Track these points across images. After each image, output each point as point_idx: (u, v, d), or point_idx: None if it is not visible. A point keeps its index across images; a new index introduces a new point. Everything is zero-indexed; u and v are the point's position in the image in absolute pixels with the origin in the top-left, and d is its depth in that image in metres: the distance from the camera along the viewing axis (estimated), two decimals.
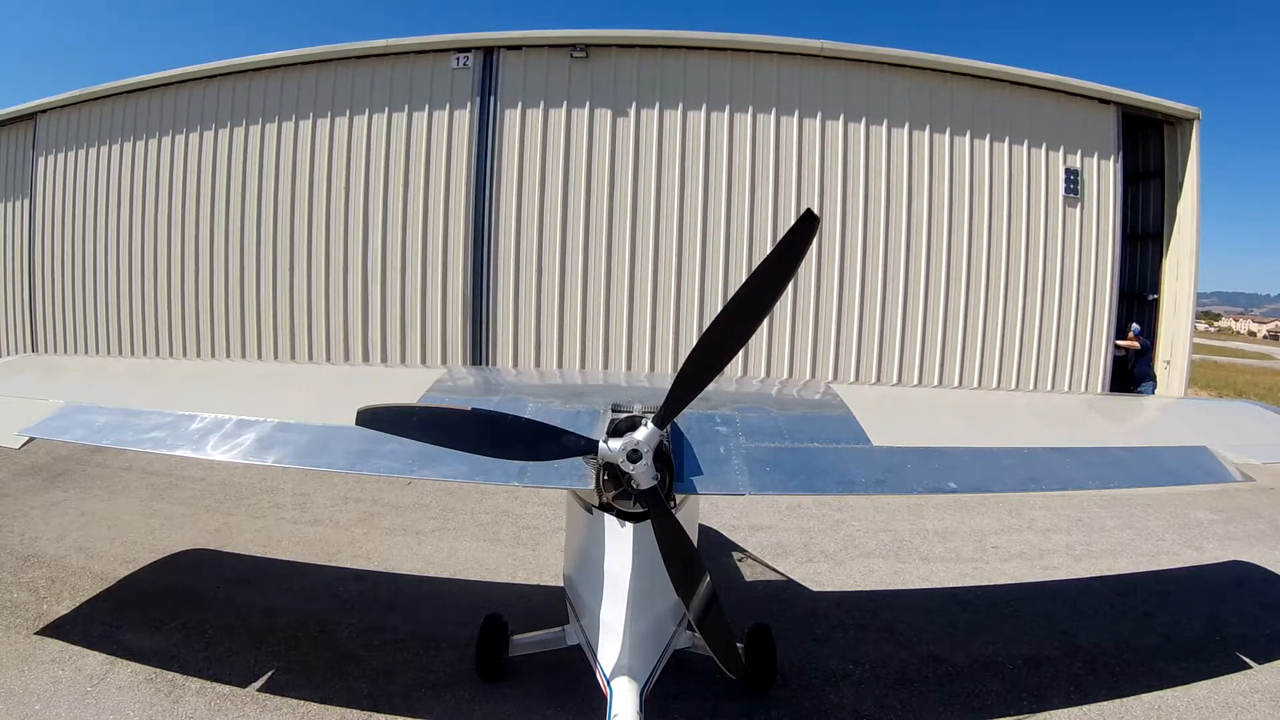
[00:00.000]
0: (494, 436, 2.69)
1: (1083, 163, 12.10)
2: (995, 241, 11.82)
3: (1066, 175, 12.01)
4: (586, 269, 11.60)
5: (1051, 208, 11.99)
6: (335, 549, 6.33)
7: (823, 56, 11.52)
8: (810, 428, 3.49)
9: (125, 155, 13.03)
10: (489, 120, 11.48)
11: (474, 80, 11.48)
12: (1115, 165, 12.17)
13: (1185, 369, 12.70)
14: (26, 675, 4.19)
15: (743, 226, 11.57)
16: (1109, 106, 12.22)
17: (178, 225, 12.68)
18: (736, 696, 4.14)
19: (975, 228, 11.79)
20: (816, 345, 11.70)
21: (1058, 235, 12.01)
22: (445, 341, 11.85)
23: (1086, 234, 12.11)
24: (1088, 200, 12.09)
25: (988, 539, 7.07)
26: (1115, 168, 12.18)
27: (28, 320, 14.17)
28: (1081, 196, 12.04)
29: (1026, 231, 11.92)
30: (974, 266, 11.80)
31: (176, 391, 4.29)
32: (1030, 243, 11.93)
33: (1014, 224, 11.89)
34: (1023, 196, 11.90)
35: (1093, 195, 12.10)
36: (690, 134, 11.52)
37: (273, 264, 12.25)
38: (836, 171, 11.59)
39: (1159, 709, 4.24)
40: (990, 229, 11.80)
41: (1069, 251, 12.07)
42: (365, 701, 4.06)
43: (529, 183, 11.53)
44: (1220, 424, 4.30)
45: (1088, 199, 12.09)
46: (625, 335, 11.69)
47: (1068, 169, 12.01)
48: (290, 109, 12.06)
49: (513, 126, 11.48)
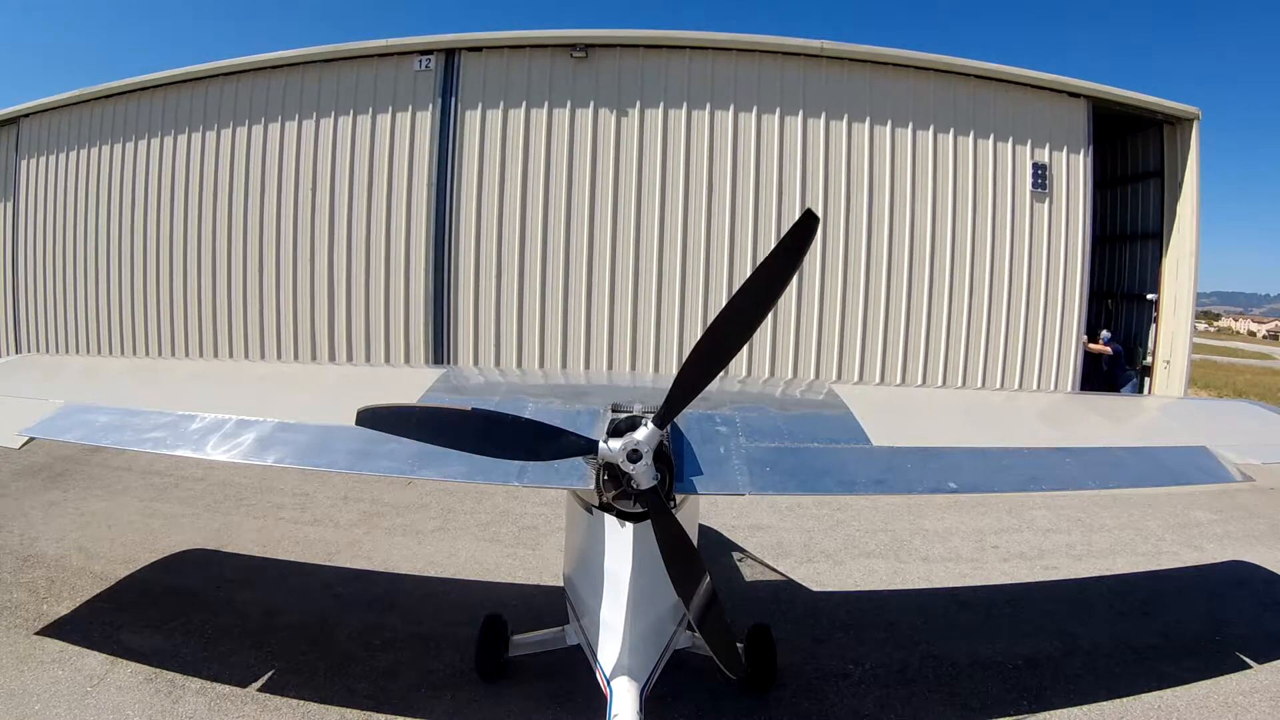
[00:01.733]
0: (494, 436, 2.69)
1: (1051, 157, 11.91)
2: (960, 237, 11.68)
3: (1034, 170, 11.81)
4: (545, 268, 11.66)
5: (1019, 202, 11.80)
6: (335, 549, 6.33)
7: (776, 52, 11.51)
8: (810, 428, 3.50)
9: (98, 159, 13.32)
10: (450, 120, 11.68)
11: (435, 82, 11.67)
12: (1086, 160, 11.97)
13: (1185, 369, 12.69)
14: (26, 675, 4.19)
15: (703, 230, 11.51)
16: (1079, 100, 12.02)
17: (152, 228, 12.93)
18: (736, 696, 4.14)
19: (939, 223, 11.65)
20: (799, 344, 11.67)
21: (1025, 230, 11.83)
22: (408, 340, 12.01)
23: (1055, 229, 11.92)
24: (1056, 195, 11.90)
25: (988, 539, 7.07)
26: (1086, 162, 11.98)
27: (11, 323, 14.35)
28: (1050, 191, 11.86)
29: (992, 227, 11.73)
30: (937, 262, 11.66)
31: (176, 391, 4.28)
32: (997, 238, 11.76)
33: (979, 219, 11.71)
34: (989, 191, 11.72)
35: (1062, 190, 11.92)
36: (670, 133, 11.53)
37: (243, 265, 12.46)
38: (812, 169, 11.53)
39: (1159, 709, 4.24)
40: (955, 224, 11.66)
41: (1037, 247, 11.89)
42: (365, 701, 4.06)
43: (489, 183, 11.65)
44: (1220, 424, 4.30)
45: (1057, 194, 11.90)
46: (584, 334, 11.74)
47: (1035, 163, 11.82)
48: (275, 111, 12.24)
49: (473, 127, 11.65)
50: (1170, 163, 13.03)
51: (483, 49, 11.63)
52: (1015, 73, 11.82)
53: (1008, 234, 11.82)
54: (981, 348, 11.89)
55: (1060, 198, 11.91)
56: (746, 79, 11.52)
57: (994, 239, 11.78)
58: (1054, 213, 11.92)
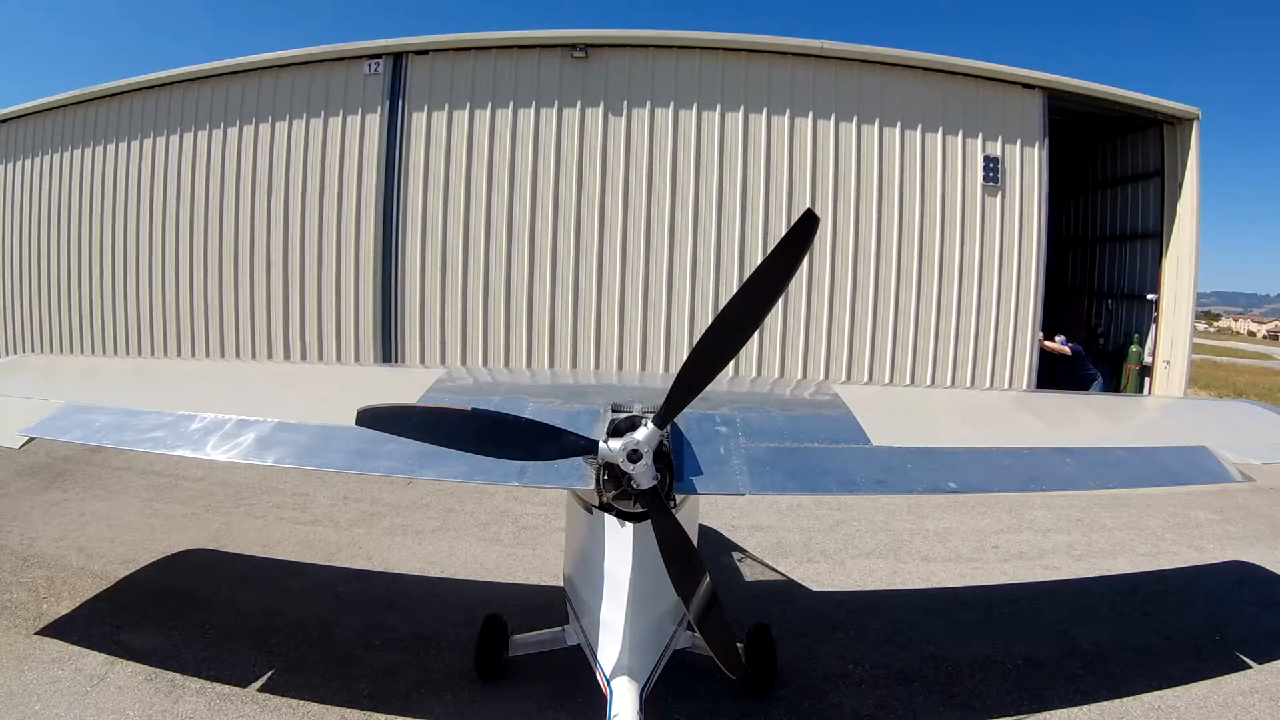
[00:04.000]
0: (494, 436, 2.69)
1: (1004, 150, 11.70)
2: (907, 232, 11.53)
3: (986, 163, 11.60)
4: (487, 267, 11.76)
5: (969, 196, 11.61)
6: (335, 549, 6.33)
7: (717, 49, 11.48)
8: (810, 428, 3.49)
9: (46, 169, 13.70)
10: (398, 122, 11.85)
11: (384, 85, 11.84)
12: (1041, 152, 11.72)
13: (1185, 369, 12.68)
14: (26, 675, 4.19)
15: (644, 227, 11.52)
16: (1033, 91, 11.76)
17: (109, 233, 13.26)
18: (736, 696, 4.14)
19: (885, 219, 11.52)
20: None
21: (976, 224, 11.62)
22: (358, 339, 12.16)
23: (1009, 223, 11.71)
24: (1010, 189, 11.70)
25: (988, 539, 7.07)
26: (1041, 155, 11.73)
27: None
28: (1003, 185, 11.67)
29: (941, 221, 11.55)
30: (884, 256, 11.52)
31: (176, 391, 4.28)
32: (946, 233, 11.57)
33: (928, 213, 11.53)
34: (937, 185, 11.55)
35: (1014, 183, 11.72)
36: (606, 132, 11.57)
37: (204, 266, 12.73)
38: (758, 164, 11.47)
39: (1159, 709, 4.24)
40: (901, 218, 11.51)
41: (989, 241, 11.69)
42: (365, 701, 4.06)
43: (434, 184, 11.76)
44: (1220, 424, 4.30)
45: (1010, 187, 11.70)
46: (522, 332, 11.79)
47: (987, 156, 11.62)
48: (234, 115, 12.50)
49: (419, 128, 11.79)
50: (1170, 163, 13.02)
51: (429, 52, 11.82)
52: (965, 64, 11.60)
53: (958, 228, 11.59)
54: (931, 344, 11.68)
55: (1013, 191, 11.72)
56: (689, 75, 11.53)
57: (942, 233, 11.56)
58: (1007, 206, 11.71)
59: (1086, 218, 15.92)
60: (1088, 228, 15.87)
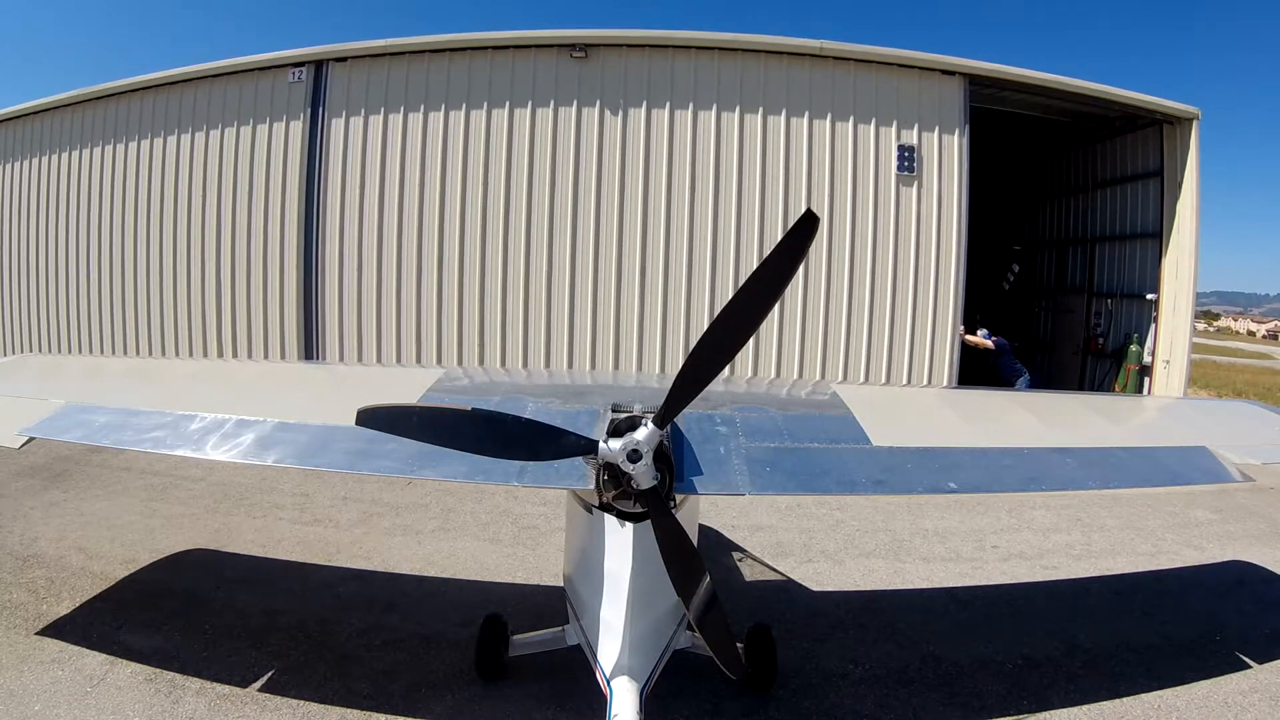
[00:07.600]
0: (494, 436, 2.69)
1: (921, 138, 11.33)
2: None
3: (900, 152, 11.32)
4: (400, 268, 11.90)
5: (883, 186, 11.35)
6: (335, 549, 6.33)
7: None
8: (810, 428, 3.49)
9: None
10: (319, 128, 12.05)
11: (307, 92, 12.05)
12: (961, 140, 11.42)
13: (1185, 369, 12.68)
14: (26, 675, 4.19)
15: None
16: (953, 78, 11.39)
17: (63, 239, 13.76)
18: (736, 696, 4.14)
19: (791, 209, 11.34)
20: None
21: (890, 214, 11.36)
22: (283, 339, 12.36)
23: (926, 213, 11.41)
24: (927, 178, 11.40)
25: (987, 539, 7.07)
26: (961, 143, 11.35)
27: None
28: (919, 174, 11.38)
29: (852, 212, 11.31)
30: (810, 254, 11.38)
31: (176, 391, 4.28)
32: (858, 224, 11.33)
33: (838, 204, 11.32)
34: (848, 174, 11.32)
35: (933, 172, 11.42)
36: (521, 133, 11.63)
37: (146, 269, 13.09)
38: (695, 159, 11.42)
39: (1159, 709, 4.24)
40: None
41: (904, 232, 11.41)
42: (365, 701, 4.06)
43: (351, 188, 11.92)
44: (1220, 424, 4.30)
45: (927, 176, 11.40)
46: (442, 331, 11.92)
47: (901, 145, 11.35)
48: (173, 125, 12.80)
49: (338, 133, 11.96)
50: (1170, 163, 13.01)
51: (348, 59, 11.95)
52: (880, 52, 11.36)
53: (870, 219, 11.36)
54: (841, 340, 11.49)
55: (931, 181, 11.43)
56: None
57: (853, 225, 11.34)
58: (924, 196, 11.42)
59: (1086, 218, 15.91)
60: (1087, 228, 15.86)
